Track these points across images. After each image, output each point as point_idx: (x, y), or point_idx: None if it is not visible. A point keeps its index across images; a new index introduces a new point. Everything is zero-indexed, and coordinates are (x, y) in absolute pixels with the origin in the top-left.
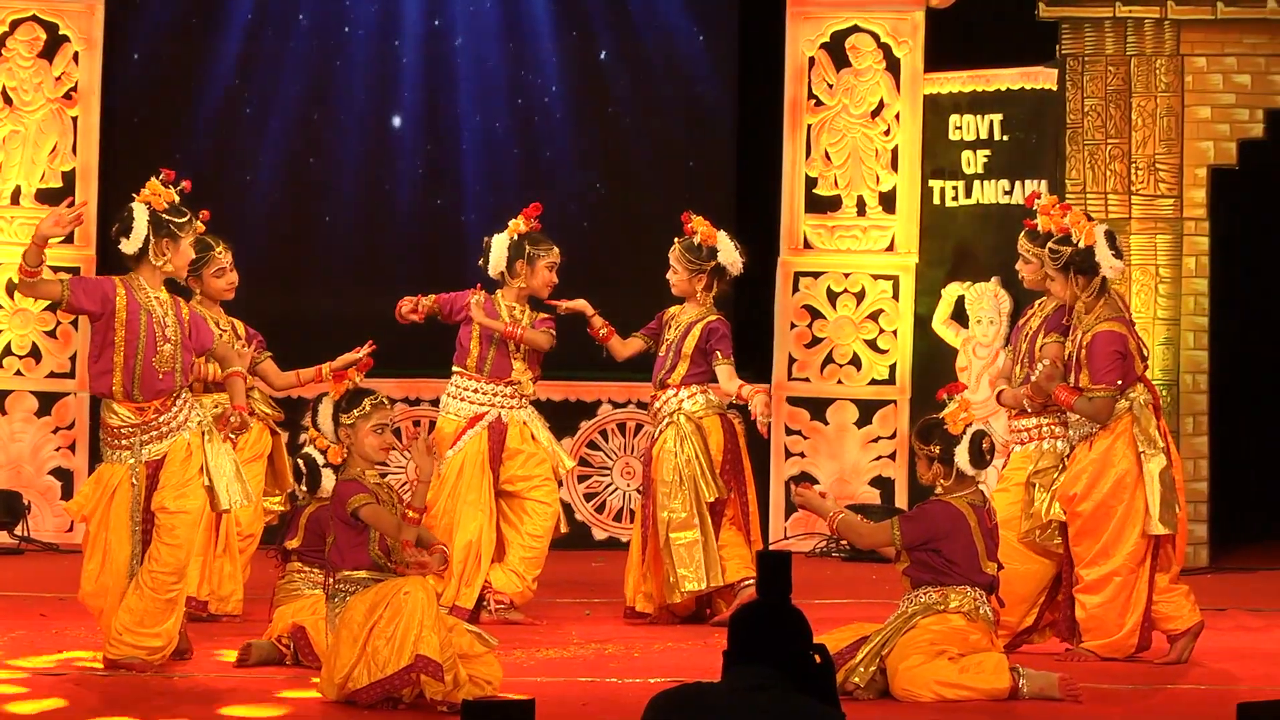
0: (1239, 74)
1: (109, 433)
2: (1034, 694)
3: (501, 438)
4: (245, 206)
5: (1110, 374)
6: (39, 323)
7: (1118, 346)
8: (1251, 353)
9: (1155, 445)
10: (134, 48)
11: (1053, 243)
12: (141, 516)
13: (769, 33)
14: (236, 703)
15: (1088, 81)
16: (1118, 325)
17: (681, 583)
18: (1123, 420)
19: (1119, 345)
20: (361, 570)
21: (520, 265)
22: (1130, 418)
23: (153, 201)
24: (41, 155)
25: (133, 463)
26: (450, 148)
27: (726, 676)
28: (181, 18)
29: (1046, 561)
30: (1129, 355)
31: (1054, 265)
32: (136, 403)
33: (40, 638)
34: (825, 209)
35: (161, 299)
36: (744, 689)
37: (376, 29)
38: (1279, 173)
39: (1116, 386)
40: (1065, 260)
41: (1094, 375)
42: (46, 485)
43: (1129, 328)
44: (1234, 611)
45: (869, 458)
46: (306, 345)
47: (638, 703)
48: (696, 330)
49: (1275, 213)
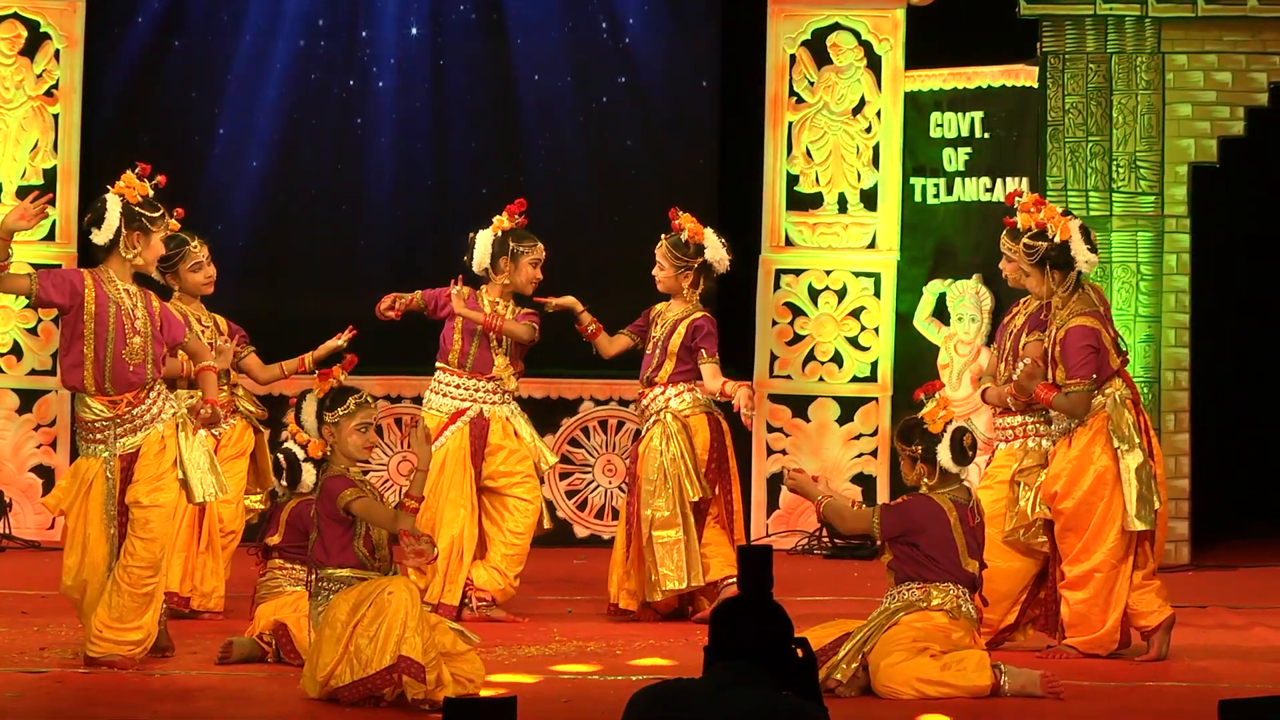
0: (1219, 71)
1: (83, 426)
2: (1015, 691)
3: (483, 433)
4: (227, 205)
5: (1084, 368)
6: (20, 320)
7: (1090, 341)
8: (1233, 350)
9: (1130, 441)
10: (116, 45)
11: (1028, 238)
12: (116, 510)
13: (750, 30)
14: (217, 700)
15: (1069, 79)
16: (1090, 320)
17: (663, 581)
18: (1099, 417)
19: (1091, 340)
20: (346, 569)
21: (504, 261)
22: (1105, 415)
23: (126, 194)
24: (23, 152)
25: (107, 456)
26: (432, 146)
27: (708, 672)
28: (164, 16)
29: (1029, 560)
30: (1103, 349)
31: (1029, 260)
32: (109, 396)
33: (22, 635)
34: (807, 206)
35: (131, 291)
36: (725, 684)
37: (356, 27)
38: (1260, 170)
39: (1091, 380)
40: (1041, 255)
41: (1068, 370)
42: (28, 483)
43: (1103, 322)
44: (1215, 609)
45: (850, 455)
46: (291, 342)
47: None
48: (682, 328)
49: (1256, 210)
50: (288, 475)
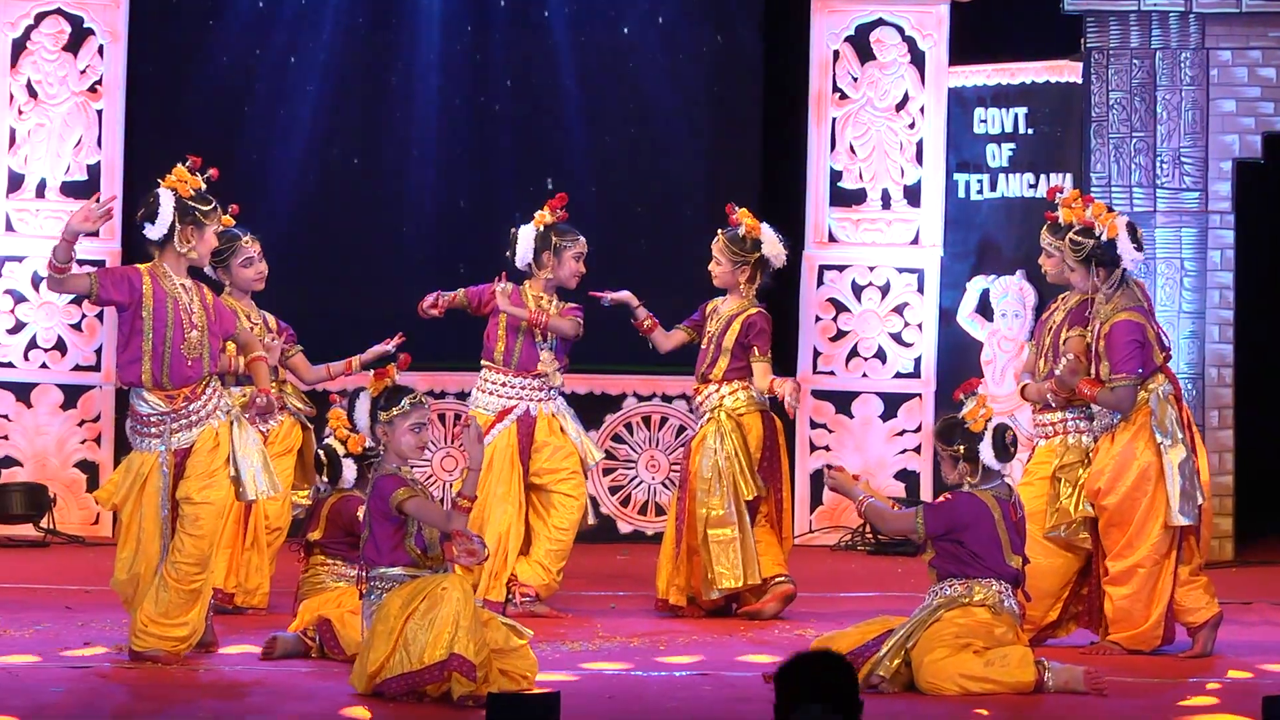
0: (1264, 67)
1: (139, 421)
2: (1059, 687)
3: (531, 430)
4: (271, 202)
5: (1130, 362)
6: (65, 315)
7: (1135, 335)
8: (1277, 346)
9: (1173, 436)
10: (159, 41)
11: (1074, 234)
12: (169, 505)
13: (793, 26)
14: (262, 695)
15: (1112, 75)
16: (1135, 315)
17: (718, 580)
18: (1142, 412)
19: (1137, 334)
20: (398, 567)
21: (547, 256)
22: (1148, 410)
23: (179, 188)
24: (66, 148)
25: (162, 450)
26: (477, 143)
27: None
28: (207, 12)
29: (1070, 556)
30: (1147, 344)
31: (1075, 257)
32: (166, 390)
33: (66, 630)
34: (850, 202)
35: (186, 285)
36: None
37: (398, 22)
38: None
39: (1137, 375)
40: (1087, 252)
41: (1114, 365)
42: (72, 478)
43: (1147, 316)
44: (1259, 605)
45: (894, 451)
46: (335, 340)
47: (662, 694)
48: (737, 324)
49: None
50: (328, 471)
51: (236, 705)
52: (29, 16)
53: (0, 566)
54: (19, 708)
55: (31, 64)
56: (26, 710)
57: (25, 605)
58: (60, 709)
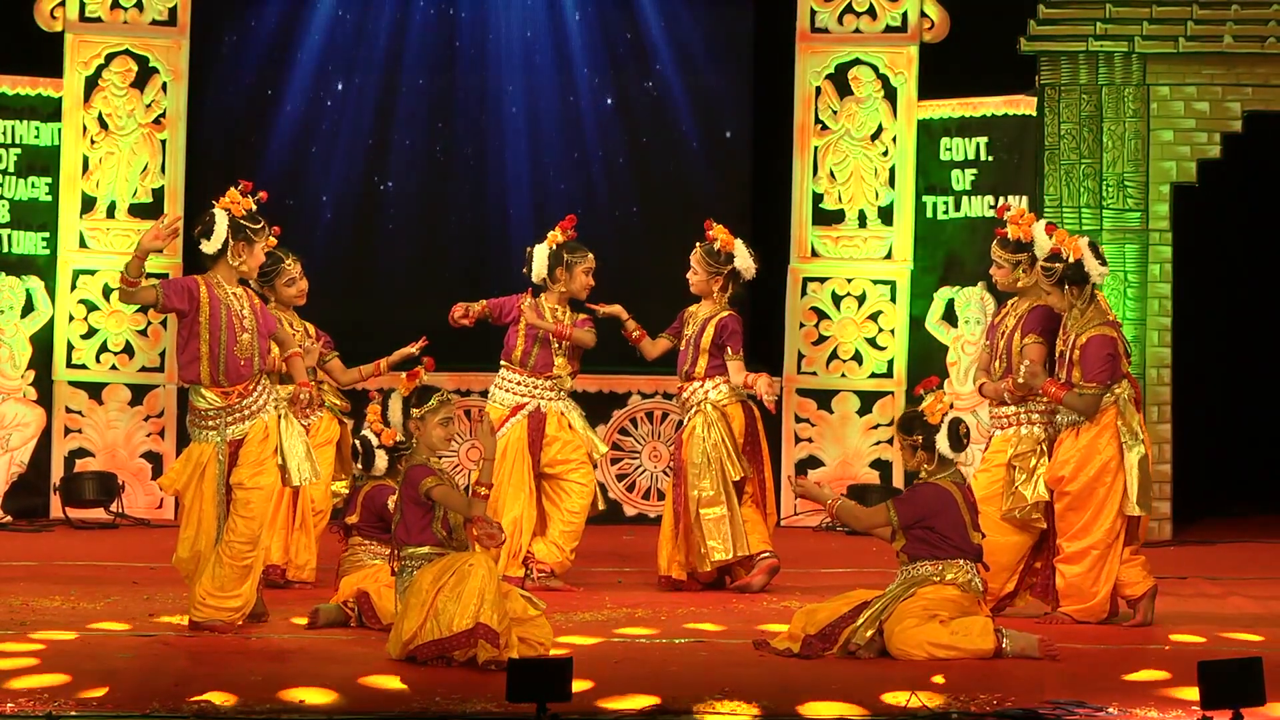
0: (1199, 101)
1: (197, 415)
2: (1016, 653)
3: (540, 425)
4: (315, 223)
5: (1102, 374)
6: (132, 322)
7: (1110, 349)
8: (1209, 349)
9: (1136, 437)
10: (216, 79)
11: (1044, 261)
12: (225, 490)
13: (780, 66)
14: (307, 660)
15: (1063, 108)
16: (1109, 329)
17: (711, 553)
18: (1108, 413)
19: (1110, 348)
20: (426, 546)
21: (560, 271)
22: (1115, 411)
23: (232, 208)
24: (134, 174)
25: (218, 441)
26: (498, 172)
27: None
28: (261, 52)
29: (1025, 535)
30: (1117, 355)
31: (1049, 281)
32: (222, 387)
33: (133, 602)
34: (830, 222)
35: (237, 294)
36: None
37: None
38: (1234, 190)
39: (1105, 385)
40: (1059, 275)
41: (1086, 374)
42: (138, 467)
43: (1118, 330)
44: (1194, 580)
45: (869, 443)
46: (370, 346)
47: (664, 659)
48: (711, 326)
49: (1231, 226)
50: (363, 460)
51: (284, 669)
52: (100, 57)
53: (75, 546)
54: (92, 671)
55: (102, 99)
56: (100, 674)
57: (97, 581)
58: (128, 672)
